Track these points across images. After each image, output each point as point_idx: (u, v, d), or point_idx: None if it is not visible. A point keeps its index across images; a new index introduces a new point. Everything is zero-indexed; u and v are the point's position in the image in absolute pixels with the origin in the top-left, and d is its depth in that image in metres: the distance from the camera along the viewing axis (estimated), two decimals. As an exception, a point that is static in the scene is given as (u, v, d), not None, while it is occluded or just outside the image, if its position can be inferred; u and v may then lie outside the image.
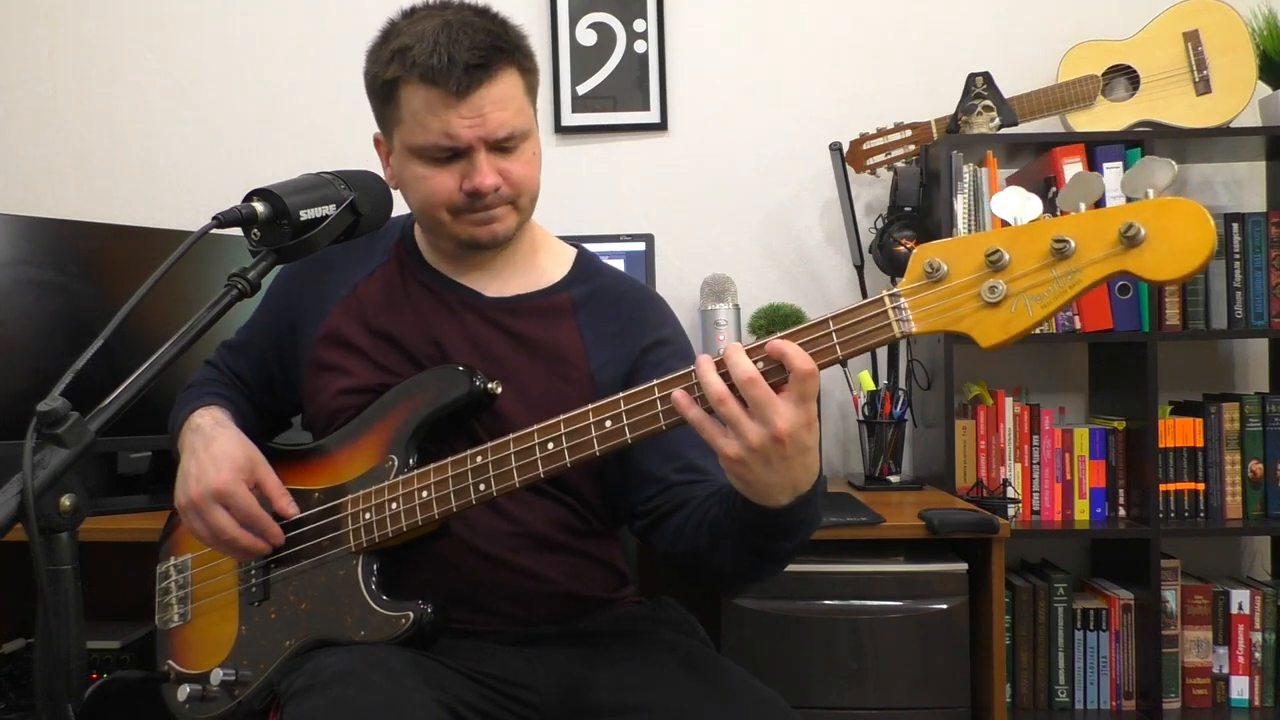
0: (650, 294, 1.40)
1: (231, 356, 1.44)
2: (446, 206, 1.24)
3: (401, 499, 1.17)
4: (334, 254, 1.34)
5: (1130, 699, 2.13)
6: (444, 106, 1.18)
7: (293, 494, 1.26)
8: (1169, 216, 0.87)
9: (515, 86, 1.22)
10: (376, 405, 1.26)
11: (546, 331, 1.30)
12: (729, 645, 1.73)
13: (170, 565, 1.38)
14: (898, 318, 0.95)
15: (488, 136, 1.19)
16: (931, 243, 0.95)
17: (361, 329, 1.31)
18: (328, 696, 1.04)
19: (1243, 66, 2.22)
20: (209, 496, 1.19)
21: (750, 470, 0.98)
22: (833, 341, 0.97)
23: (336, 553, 1.21)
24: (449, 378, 1.23)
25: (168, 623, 1.36)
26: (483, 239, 1.26)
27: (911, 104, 2.39)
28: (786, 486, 1.00)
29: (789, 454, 0.96)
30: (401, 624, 1.15)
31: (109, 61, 2.59)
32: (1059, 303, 0.90)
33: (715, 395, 0.96)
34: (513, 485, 1.12)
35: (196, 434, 1.27)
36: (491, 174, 1.21)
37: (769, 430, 0.95)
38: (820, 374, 0.97)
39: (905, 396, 2.22)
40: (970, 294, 0.92)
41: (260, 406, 1.43)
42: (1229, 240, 2.17)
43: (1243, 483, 2.18)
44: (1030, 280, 0.91)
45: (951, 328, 0.94)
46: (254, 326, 1.43)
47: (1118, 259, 0.88)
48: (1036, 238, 0.90)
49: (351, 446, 1.27)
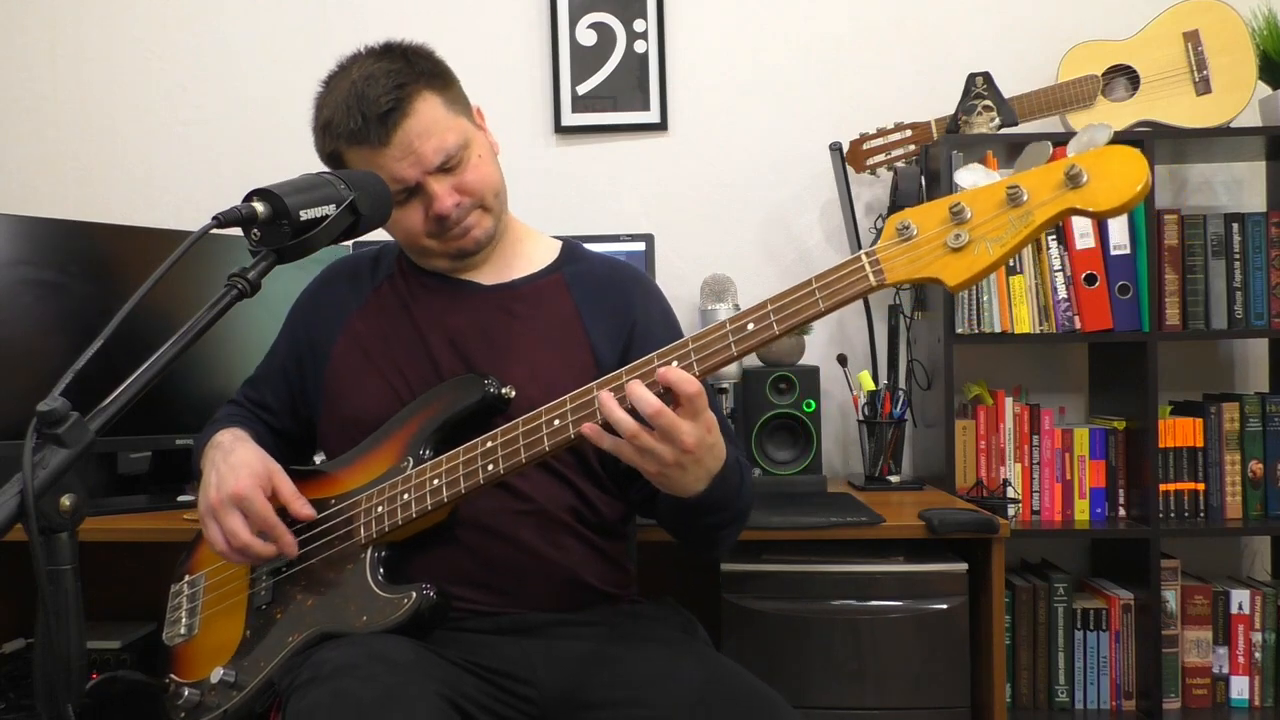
0: (637, 272, 1.48)
1: (254, 390, 1.50)
2: (425, 235, 1.33)
3: (413, 488, 1.21)
4: (344, 273, 1.46)
5: (1130, 699, 2.13)
6: (379, 156, 1.27)
7: (310, 502, 1.28)
8: (1106, 159, 0.98)
9: (434, 109, 1.29)
10: (395, 419, 1.31)
11: (546, 309, 1.38)
12: (729, 645, 1.73)
13: (184, 583, 1.40)
14: (873, 269, 1.04)
15: (428, 167, 1.28)
16: (903, 210, 1.06)
17: (375, 336, 1.38)
18: (329, 689, 1.05)
19: (1243, 66, 2.22)
20: (227, 501, 1.23)
21: (669, 479, 1.10)
22: (815, 297, 1.07)
23: (346, 547, 1.23)
24: (464, 385, 1.28)
25: (174, 638, 1.37)
26: (468, 248, 1.35)
27: (911, 104, 2.39)
28: (701, 477, 1.12)
29: (700, 457, 1.09)
30: (403, 604, 1.17)
31: (109, 61, 2.60)
32: (1015, 240, 1.00)
33: (628, 431, 1.06)
34: (519, 462, 1.15)
35: (217, 449, 1.32)
36: (449, 196, 1.30)
37: (679, 448, 1.06)
38: (704, 389, 1.07)
39: (905, 396, 2.22)
40: (937, 244, 1.02)
41: (285, 432, 1.47)
42: (1229, 240, 2.17)
43: (1243, 483, 2.18)
44: (989, 226, 1.01)
45: (921, 273, 1.03)
46: (274, 354, 1.50)
47: (1064, 198, 0.99)
48: (994, 191, 1.02)
49: (369, 457, 1.31)
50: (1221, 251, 2.16)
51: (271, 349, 1.51)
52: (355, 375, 1.37)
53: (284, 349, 1.48)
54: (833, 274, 1.06)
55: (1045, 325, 2.15)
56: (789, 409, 2.10)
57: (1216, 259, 2.16)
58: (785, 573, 1.75)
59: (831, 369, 2.27)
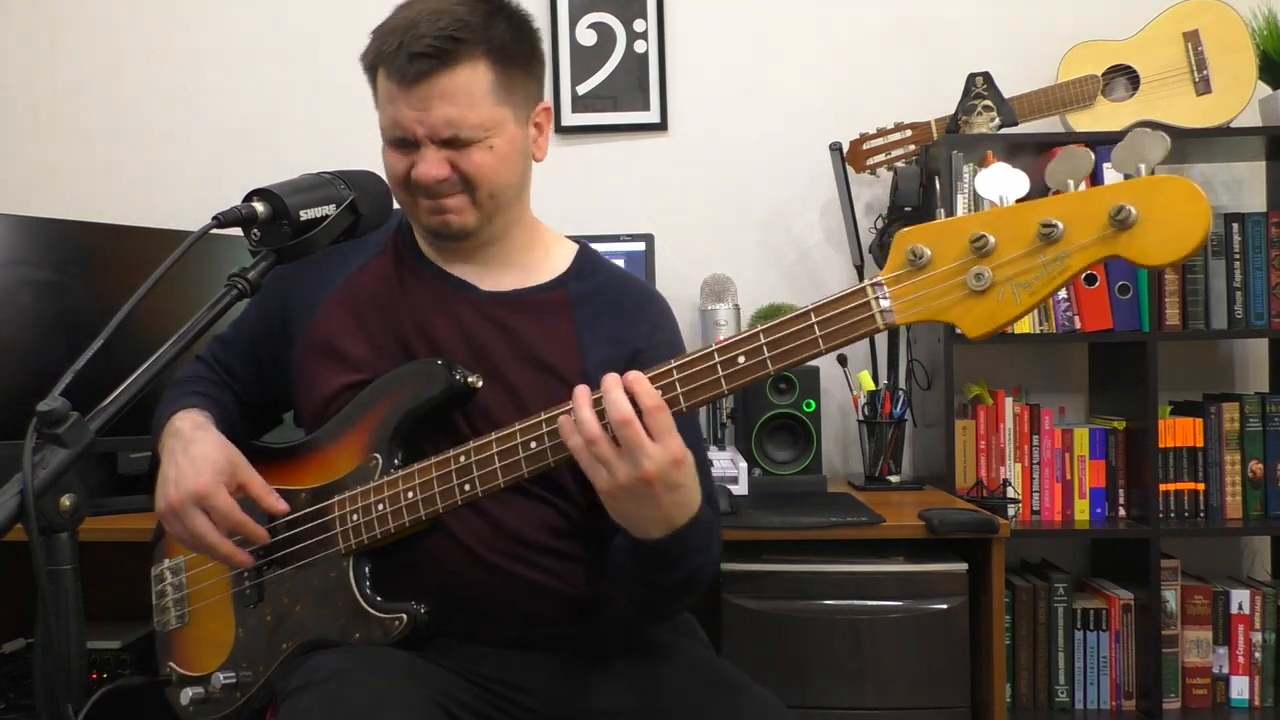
0: (651, 293, 1.39)
1: (223, 351, 1.42)
2: (402, 186, 1.23)
3: (388, 500, 1.17)
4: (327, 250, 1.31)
5: (1130, 699, 2.13)
6: (395, 95, 1.18)
7: (279, 494, 1.24)
8: (1161, 195, 0.82)
9: (477, 80, 1.17)
10: (357, 401, 1.24)
11: (541, 327, 1.27)
12: (729, 645, 1.73)
13: (165, 568, 1.38)
14: (880, 308, 0.93)
15: (431, 134, 1.18)
16: (914, 227, 0.91)
17: (352, 322, 1.29)
18: (322, 696, 1.04)
19: (1243, 66, 2.22)
20: (188, 500, 1.16)
21: (621, 504, 1.03)
22: (815, 335, 0.96)
23: (326, 554, 1.21)
24: (427, 373, 1.21)
25: (166, 625, 1.36)
26: (436, 227, 1.24)
27: (911, 104, 2.39)
28: (659, 521, 1.04)
29: (657, 493, 1.01)
30: (396, 626, 1.16)
31: (109, 61, 2.60)
32: (1047, 290, 0.86)
33: (588, 434, 1.01)
34: (497, 485, 1.12)
35: (176, 438, 1.24)
36: (435, 166, 1.19)
37: (637, 471, 0.99)
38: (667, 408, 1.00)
39: (905, 396, 2.22)
40: (955, 282, 0.89)
41: (251, 401, 1.40)
42: (1229, 240, 2.16)
43: (1243, 483, 2.17)
44: (1017, 267, 0.87)
45: (936, 318, 0.91)
46: (245, 320, 1.41)
47: (1108, 243, 0.84)
48: (1023, 221, 0.86)
49: (335, 445, 1.25)
50: (1221, 251, 2.16)
51: (242, 315, 1.41)
52: (327, 359, 1.28)
53: (255, 319, 1.38)
54: (834, 308, 0.95)
55: (1045, 325, 2.15)
56: (789, 409, 2.10)
57: (1216, 259, 2.16)
58: (785, 573, 1.75)
59: (831, 369, 2.27)
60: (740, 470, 1.98)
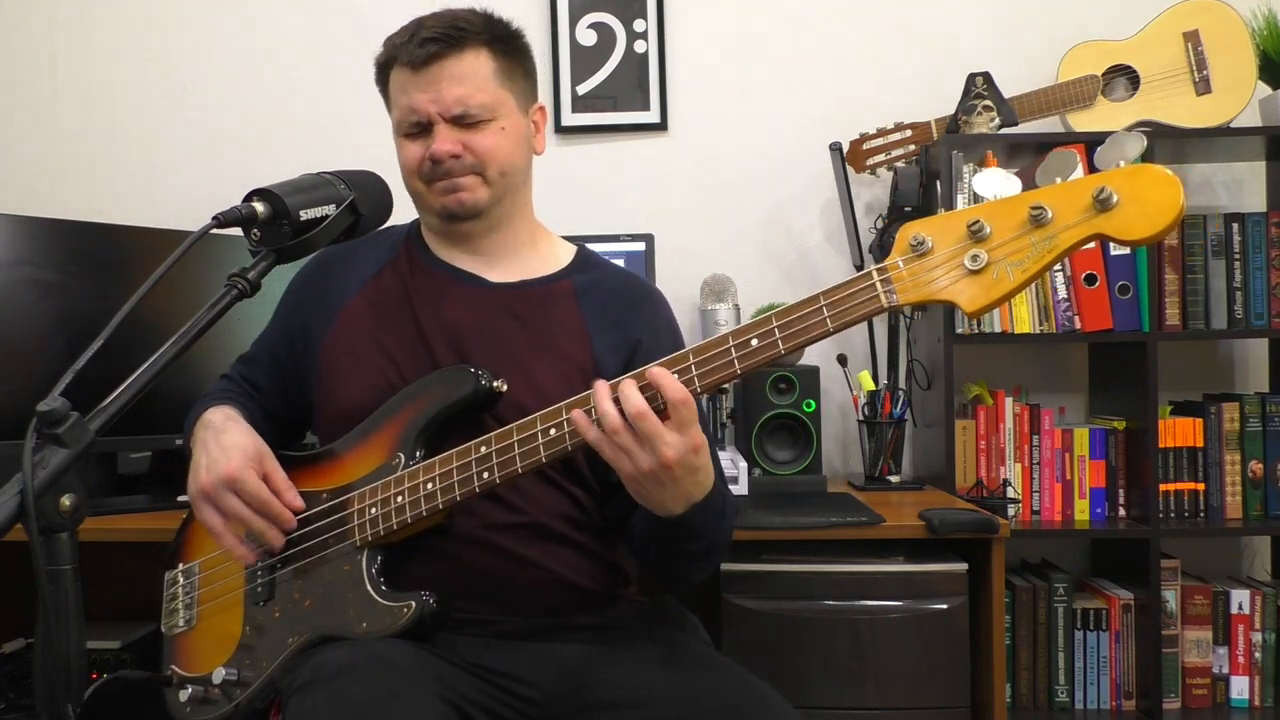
0: (649, 287, 1.46)
1: (247, 368, 1.47)
2: (418, 175, 1.33)
3: (407, 491, 1.20)
4: (341, 256, 1.41)
5: (1130, 699, 2.13)
6: (408, 82, 1.29)
7: (301, 496, 1.27)
8: (1139, 181, 0.92)
9: (480, 65, 1.30)
10: (384, 408, 1.28)
11: (551, 315, 1.34)
12: (729, 645, 1.73)
13: (179, 572, 1.39)
14: (885, 289, 1.00)
15: (444, 111, 1.28)
16: (916, 220, 1.00)
17: (371, 326, 1.34)
18: (330, 691, 1.05)
19: (1243, 66, 2.22)
20: (220, 484, 1.22)
21: (644, 489, 1.09)
22: (823, 315, 1.03)
23: (342, 548, 1.22)
24: (455, 378, 1.25)
25: (173, 628, 1.36)
26: (451, 206, 1.33)
27: (911, 104, 2.39)
28: (680, 499, 1.10)
29: (678, 477, 1.07)
30: (404, 613, 1.16)
31: (109, 61, 2.60)
32: (1038, 267, 0.94)
33: (611, 426, 1.05)
34: (515, 471, 1.14)
35: (207, 429, 1.30)
36: (450, 143, 1.29)
37: (658, 459, 1.04)
38: (693, 401, 1.05)
39: (905, 396, 2.22)
40: (954, 264, 0.97)
41: (275, 414, 1.44)
42: (1229, 240, 2.17)
43: (1243, 483, 2.18)
44: (1010, 248, 0.95)
45: (936, 296, 0.98)
46: (267, 335, 1.47)
47: (1091, 222, 0.93)
48: (1015, 208, 0.95)
49: (359, 449, 1.29)
50: (1221, 251, 2.16)
51: (264, 332, 1.48)
52: (349, 366, 1.33)
53: (276, 333, 1.45)
54: (841, 291, 1.02)
55: (1045, 325, 2.15)
56: (789, 409, 2.10)
57: (1216, 259, 2.16)
58: (785, 573, 1.75)
59: (831, 369, 2.27)
60: (740, 470, 1.98)
